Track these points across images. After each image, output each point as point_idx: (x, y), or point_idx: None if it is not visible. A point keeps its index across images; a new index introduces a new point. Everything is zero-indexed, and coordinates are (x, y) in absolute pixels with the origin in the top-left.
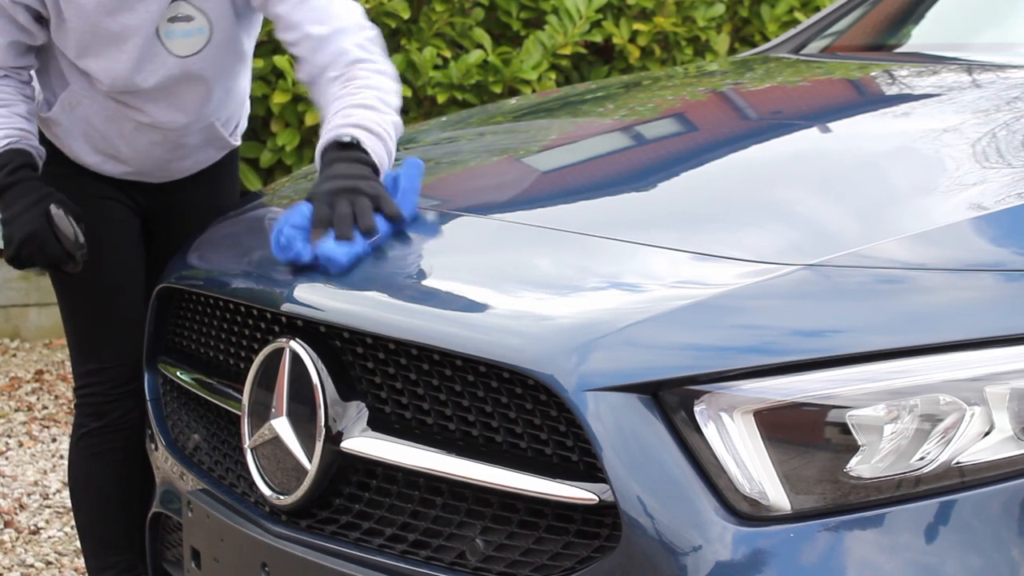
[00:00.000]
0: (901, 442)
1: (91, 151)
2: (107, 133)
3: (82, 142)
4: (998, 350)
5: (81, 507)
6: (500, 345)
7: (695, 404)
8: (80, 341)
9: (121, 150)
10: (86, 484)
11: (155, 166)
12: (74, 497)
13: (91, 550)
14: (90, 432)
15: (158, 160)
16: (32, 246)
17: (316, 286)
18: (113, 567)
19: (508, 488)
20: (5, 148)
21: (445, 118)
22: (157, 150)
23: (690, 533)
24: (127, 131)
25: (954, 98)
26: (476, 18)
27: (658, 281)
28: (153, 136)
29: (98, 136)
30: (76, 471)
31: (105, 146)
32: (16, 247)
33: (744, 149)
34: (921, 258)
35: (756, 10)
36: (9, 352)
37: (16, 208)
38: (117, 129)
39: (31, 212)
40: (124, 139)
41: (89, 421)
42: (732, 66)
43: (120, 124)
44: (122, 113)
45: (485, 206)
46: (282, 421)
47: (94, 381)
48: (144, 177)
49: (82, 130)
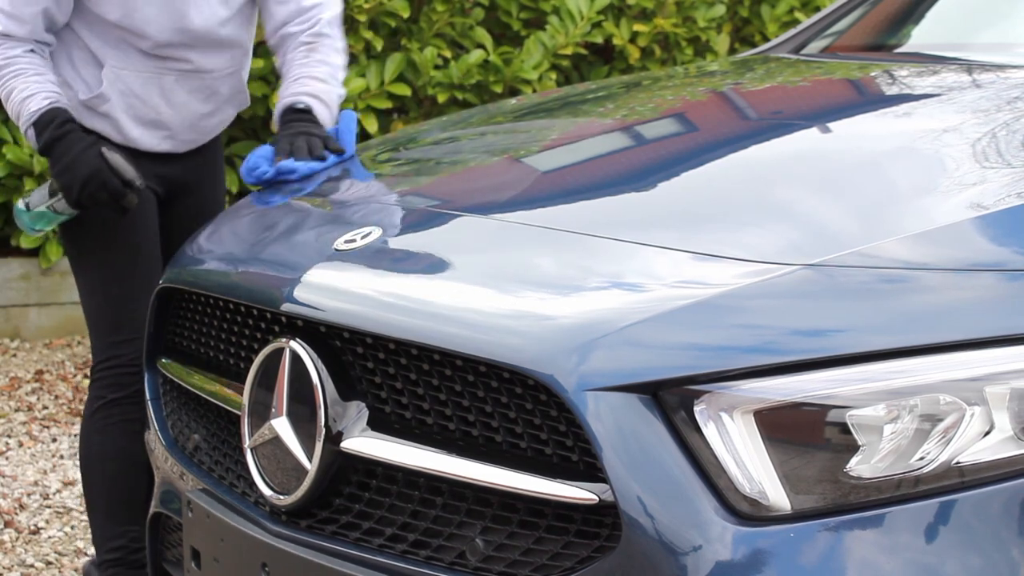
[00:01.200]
0: (901, 442)
1: (133, 124)
2: (147, 96)
3: (125, 117)
4: (998, 350)
5: (93, 478)
6: (500, 345)
7: (695, 404)
8: (103, 315)
9: (162, 111)
10: (100, 454)
11: (191, 122)
12: (86, 470)
13: (100, 523)
14: (109, 403)
15: (194, 114)
16: (95, 184)
17: (316, 286)
18: (123, 536)
19: (508, 488)
20: (48, 107)
21: (445, 118)
22: (194, 101)
23: (690, 533)
24: (167, 85)
25: (954, 98)
26: (476, 18)
27: (658, 281)
28: (192, 83)
29: (139, 104)
30: (90, 442)
31: (146, 112)
32: (80, 186)
33: (744, 149)
34: (921, 258)
35: (756, 10)
36: (9, 352)
37: (73, 154)
38: (157, 88)
39: (87, 154)
40: (164, 96)
41: (109, 392)
42: (732, 66)
43: (159, 81)
44: (162, 68)
45: (485, 206)
46: (282, 421)
47: (120, 353)
48: (177, 144)
49: (124, 103)
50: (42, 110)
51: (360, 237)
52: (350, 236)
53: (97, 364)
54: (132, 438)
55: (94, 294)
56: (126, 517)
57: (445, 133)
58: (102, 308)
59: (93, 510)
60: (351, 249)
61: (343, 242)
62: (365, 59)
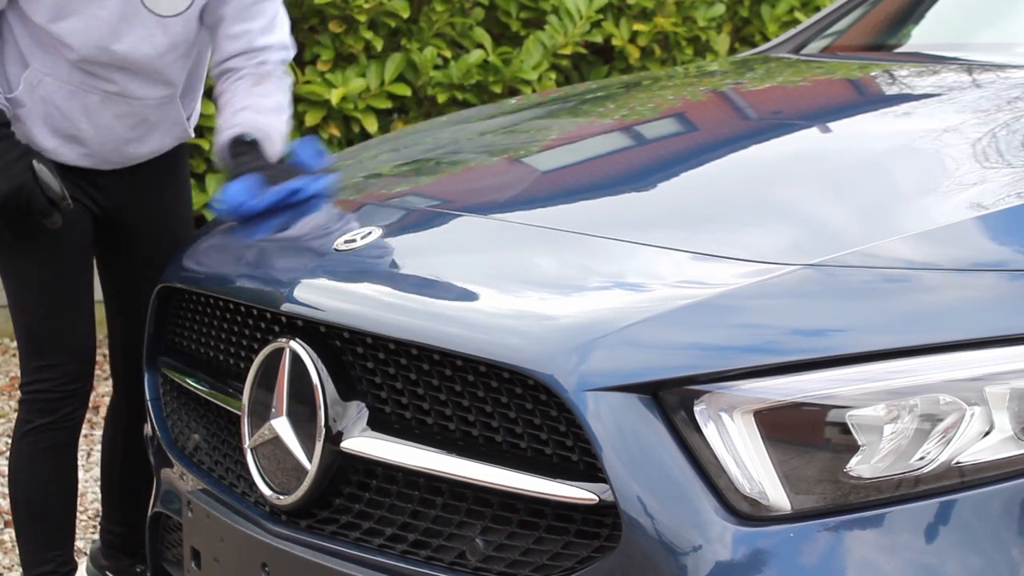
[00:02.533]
0: (901, 442)
1: (49, 134)
2: (69, 111)
3: (41, 124)
4: (998, 350)
5: (21, 502)
6: (500, 345)
7: (695, 404)
8: (29, 337)
9: (82, 128)
10: (28, 479)
11: (114, 146)
12: (14, 491)
13: (29, 546)
14: (36, 428)
15: (118, 139)
16: (19, 199)
17: (316, 286)
18: (51, 562)
19: (508, 488)
20: None
21: (445, 118)
22: (120, 126)
23: (690, 533)
24: (91, 104)
25: (954, 98)
26: (476, 18)
27: (658, 281)
28: (119, 108)
29: (59, 115)
30: (18, 466)
31: (65, 126)
32: (3, 199)
33: (744, 149)
34: (921, 258)
35: (756, 10)
36: (9, 352)
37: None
38: (80, 104)
39: (16, 167)
40: (87, 114)
41: (35, 417)
42: (732, 66)
43: (84, 98)
44: (88, 85)
45: (485, 206)
46: (282, 421)
47: (43, 378)
48: (100, 162)
49: (42, 111)
50: None
51: (360, 237)
52: (350, 236)
53: (23, 385)
54: (59, 464)
55: (18, 315)
56: (54, 542)
57: (445, 133)
58: (25, 330)
59: (20, 533)
60: (351, 249)
61: (343, 242)
62: (365, 59)
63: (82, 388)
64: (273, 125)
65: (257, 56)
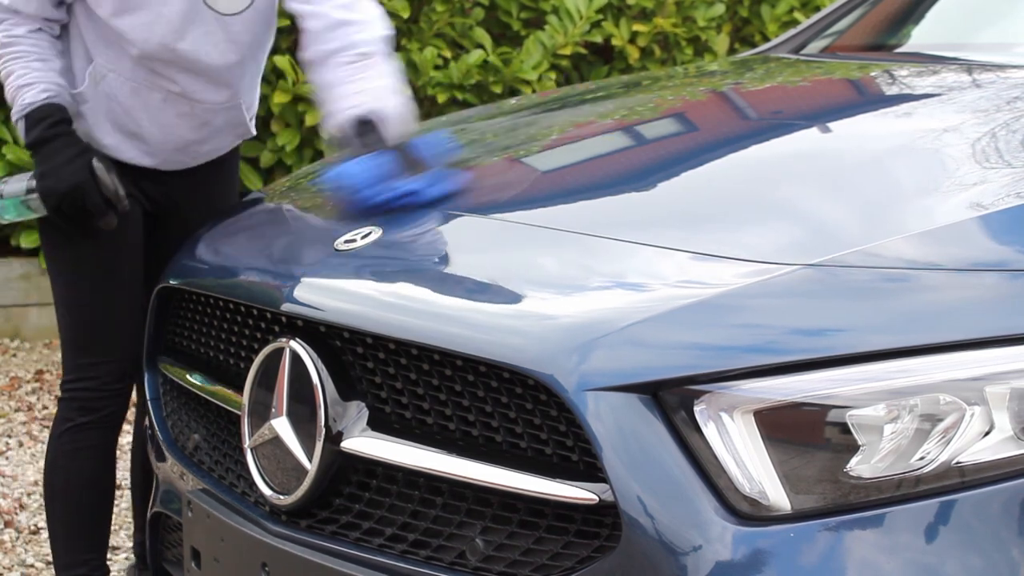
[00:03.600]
0: (901, 442)
1: (111, 131)
2: (131, 108)
3: (103, 121)
4: (998, 350)
5: (57, 502)
6: (500, 345)
7: (695, 404)
8: (77, 334)
9: (144, 127)
10: (65, 479)
11: (175, 147)
12: (49, 492)
13: (62, 547)
14: (77, 427)
15: (179, 140)
16: (76, 197)
17: (316, 286)
18: (84, 564)
19: (508, 488)
20: (45, 101)
21: (445, 118)
22: (182, 127)
23: (690, 533)
24: (153, 104)
25: (954, 98)
26: (476, 18)
27: (658, 281)
28: (181, 108)
29: (121, 112)
30: (55, 465)
31: (127, 122)
32: (60, 197)
33: (744, 149)
34: (921, 257)
35: (756, 10)
36: (9, 352)
37: (59, 160)
38: (143, 102)
39: (75, 163)
40: (149, 113)
41: (77, 416)
42: (732, 66)
43: (147, 96)
44: (151, 83)
45: (485, 206)
46: (282, 421)
47: (88, 376)
48: (160, 162)
49: (105, 107)
50: (36, 104)
51: (360, 237)
52: (350, 236)
53: (66, 382)
54: (101, 465)
55: (67, 311)
56: (87, 545)
57: (444, 134)
58: (73, 327)
59: (54, 535)
60: (351, 249)
61: (343, 242)
62: None
63: (126, 388)
64: (391, 106)
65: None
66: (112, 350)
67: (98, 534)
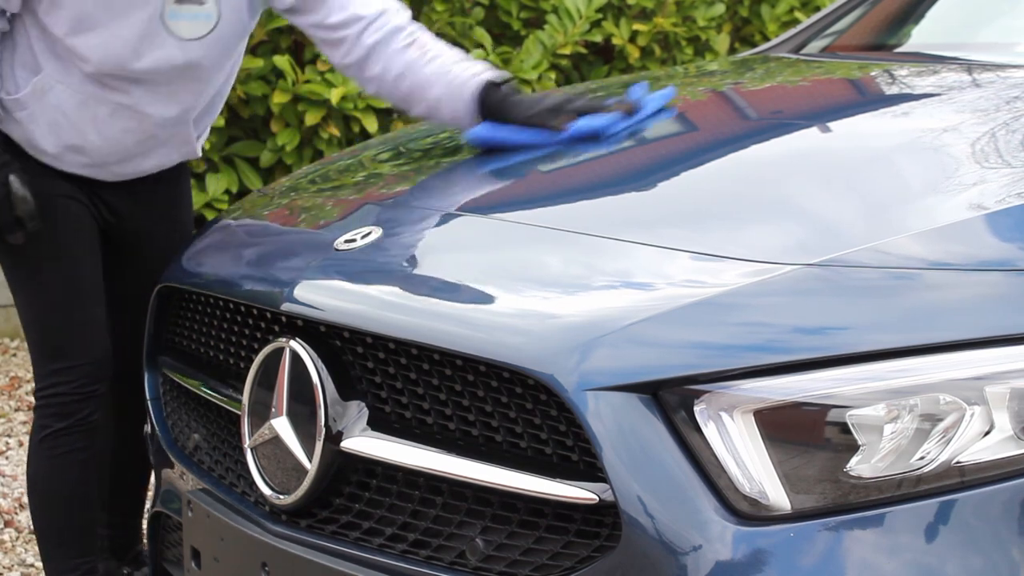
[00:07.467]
0: (901, 442)
1: (53, 141)
2: (78, 120)
3: (45, 130)
4: (998, 350)
5: (42, 510)
6: (500, 345)
7: (695, 404)
8: (44, 340)
9: (89, 138)
10: (47, 486)
11: (118, 159)
12: (34, 499)
13: (51, 554)
14: (54, 433)
15: (123, 152)
16: None
17: (316, 285)
18: (75, 570)
19: (508, 488)
20: None
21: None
22: (128, 139)
23: (690, 533)
24: (101, 116)
25: (954, 98)
26: (476, 18)
27: (658, 280)
28: (128, 122)
29: (66, 124)
30: (37, 473)
31: (71, 135)
32: None
33: (744, 149)
34: (921, 257)
35: (756, 10)
36: (9, 352)
37: None
38: (90, 114)
39: None
40: (95, 125)
41: (53, 422)
42: (732, 66)
43: (95, 108)
44: (100, 96)
45: (485, 206)
46: (282, 421)
47: (60, 381)
48: (101, 173)
49: (49, 118)
50: None
51: (360, 237)
52: (350, 236)
53: (39, 390)
54: (80, 468)
55: (32, 320)
56: (77, 549)
57: (444, 132)
58: (39, 334)
59: (44, 540)
60: (351, 249)
61: (343, 242)
62: None
63: (99, 390)
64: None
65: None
66: (81, 353)
67: (86, 538)
